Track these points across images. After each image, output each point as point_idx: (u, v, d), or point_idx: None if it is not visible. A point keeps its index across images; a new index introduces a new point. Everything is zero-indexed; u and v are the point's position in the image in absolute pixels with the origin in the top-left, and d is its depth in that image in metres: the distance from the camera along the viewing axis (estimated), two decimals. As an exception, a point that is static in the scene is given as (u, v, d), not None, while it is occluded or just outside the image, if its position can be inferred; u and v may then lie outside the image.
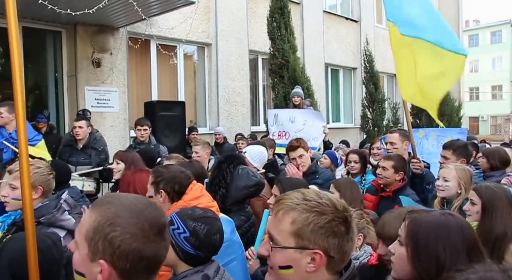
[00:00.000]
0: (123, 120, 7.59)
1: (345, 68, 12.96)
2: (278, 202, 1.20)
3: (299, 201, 1.14)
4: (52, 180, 2.55)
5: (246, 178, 2.86)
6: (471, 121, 37.55)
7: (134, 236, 1.01)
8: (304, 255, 1.12)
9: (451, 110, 12.18)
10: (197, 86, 9.28)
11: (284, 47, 8.77)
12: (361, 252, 2.11)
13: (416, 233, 1.34)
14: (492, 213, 2.16)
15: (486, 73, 41.16)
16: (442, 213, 1.41)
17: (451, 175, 2.88)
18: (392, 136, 3.91)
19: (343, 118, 12.93)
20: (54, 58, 7.21)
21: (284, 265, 1.14)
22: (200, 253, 1.64)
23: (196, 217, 1.69)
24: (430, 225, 1.34)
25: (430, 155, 4.42)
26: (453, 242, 1.30)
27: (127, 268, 1.02)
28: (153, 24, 7.48)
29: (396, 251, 1.40)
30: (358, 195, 3.08)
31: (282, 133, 5.65)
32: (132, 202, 1.08)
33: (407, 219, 1.40)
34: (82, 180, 4.72)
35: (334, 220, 1.12)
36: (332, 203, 1.15)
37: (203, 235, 1.65)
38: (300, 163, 3.68)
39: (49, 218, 2.35)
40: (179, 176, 2.34)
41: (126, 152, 4.09)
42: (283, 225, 1.14)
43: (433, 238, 1.31)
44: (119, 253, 1.01)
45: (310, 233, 1.11)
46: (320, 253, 1.11)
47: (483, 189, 2.29)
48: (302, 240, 1.12)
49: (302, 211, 1.13)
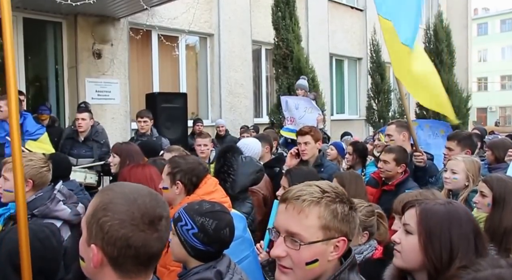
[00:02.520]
0: (124, 112, 7.55)
1: (350, 59, 12.78)
2: (295, 199, 1.15)
3: (320, 194, 1.16)
4: (46, 173, 2.51)
5: (252, 164, 2.96)
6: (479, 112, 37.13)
7: (122, 222, 1.01)
8: (329, 246, 1.15)
9: (459, 101, 11.98)
10: (199, 78, 9.20)
11: (288, 37, 8.64)
12: (365, 246, 2.06)
13: (428, 221, 1.34)
14: (503, 206, 2.11)
15: (495, 62, 40.53)
16: (448, 202, 1.43)
17: (460, 168, 2.84)
18: (389, 128, 3.87)
19: (347, 110, 12.79)
20: (55, 49, 7.16)
21: (311, 260, 1.14)
22: (210, 248, 1.61)
23: (204, 212, 1.65)
24: (442, 214, 1.35)
25: (428, 145, 4.37)
26: (464, 230, 1.33)
27: (115, 255, 1.02)
28: (154, 15, 7.39)
29: (403, 240, 1.39)
30: (362, 189, 3.00)
31: (292, 119, 6.16)
32: (130, 190, 1.08)
33: (417, 208, 1.38)
34: (84, 172, 4.71)
35: (351, 207, 1.19)
36: (343, 192, 1.21)
37: (212, 230, 1.62)
38: (303, 149, 3.60)
39: (43, 210, 2.35)
40: (197, 168, 2.31)
41: (122, 144, 4.02)
42: (309, 221, 1.13)
43: (446, 227, 1.32)
44: (108, 239, 1.01)
45: (339, 222, 1.15)
46: (344, 239, 1.16)
47: (494, 181, 2.22)
48: (329, 231, 1.14)
49: (328, 203, 1.15)
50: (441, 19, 12.44)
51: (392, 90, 11.81)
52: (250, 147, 3.63)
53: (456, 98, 11.90)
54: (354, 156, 4.42)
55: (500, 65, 40.09)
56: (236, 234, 1.94)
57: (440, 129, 4.53)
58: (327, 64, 11.57)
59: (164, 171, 2.33)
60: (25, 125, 4.60)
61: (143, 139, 5.17)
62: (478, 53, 38.66)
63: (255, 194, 3.09)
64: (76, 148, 5.13)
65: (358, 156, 4.43)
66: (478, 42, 34.35)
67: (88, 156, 5.11)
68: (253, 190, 3.12)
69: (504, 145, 3.82)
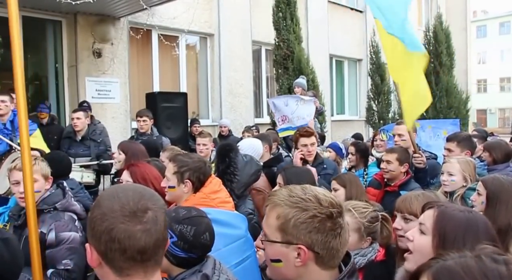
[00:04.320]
0: (124, 112, 7.53)
1: (350, 60, 12.78)
2: (268, 198, 1.24)
3: (283, 197, 1.18)
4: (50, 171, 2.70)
5: (253, 164, 3.00)
6: (479, 114, 37.19)
7: (104, 216, 1.03)
8: (290, 250, 1.15)
9: (459, 103, 11.98)
10: (200, 77, 9.19)
11: (289, 37, 8.64)
12: (369, 248, 2.04)
13: (444, 225, 1.34)
14: (496, 205, 2.11)
15: (494, 64, 40.60)
16: (468, 210, 1.42)
17: (456, 169, 2.88)
18: (400, 127, 3.81)
19: (347, 111, 12.79)
20: (54, 48, 7.13)
21: (275, 259, 1.18)
22: (192, 255, 1.59)
23: (181, 219, 1.62)
24: (459, 220, 1.34)
25: (428, 147, 4.37)
26: (480, 240, 1.29)
27: (103, 250, 1.03)
28: (154, 14, 7.37)
29: (416, 239, 1.39)
30: (362, 190, 3.02)
31: (283, 117, 6.12)
32: (118, 188, 1.12)
33: (436, 210, 1.38)
34: (81, 171, 4.70)
35: (316, 216, 1.14)
36: (316, 199, 1.16)
37: (191, 236, 1.58)
38: (311, 151, 3.60)
39: (64, 203, 2.49)
40: (204, 167, 2.31)
41: (130, 143, 4.04)
42: (270, 219, 1.19)
43: (461, 234, 1.31)
44: (94, 234, 1.03)
45: (292, 228, 1.14)
46: (303, 248, 1.13)
47: (489, 180, 2.25)
48: (286, 235, 1.15)
49: (285, 206, 1.16)
50: (440, 21, 12.45)
51: (392, 91, 11.81)
52: (256, 148, 3.65)
53: (456, 100, 11.91)
54: (356, 156, 4.43)
55: (499, 67, 40.19)
56: (239, 234, 1.93)
57: (443, 130, 4.52)
58: (327, 65, 11.56)
59: (168, 170, 2.30)
60: (16, 122, 4.61)
61: (144, 139, 5.16)
62: (477, 55, 38.71)
63: (261, 192, 3.11)
64: (74, 147, 5.15)
65: (361, 156, 4.44)
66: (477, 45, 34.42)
67: (85, 155, 5.12)
68: (259, 188, 3.14)
69: (501, 146, 3.83)
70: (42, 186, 2.51)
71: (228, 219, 2.03)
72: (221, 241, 1.69)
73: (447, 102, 11.64)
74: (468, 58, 16.73)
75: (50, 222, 2.37)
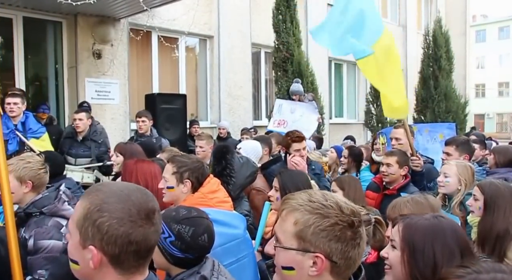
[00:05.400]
0: (123, 113, 7.54)
1: (349, 63, 12.81)
2: (284, 202, 1.18)
3: (303, 202, 1.12)
4: (44, 175, 2.56)
5: (250, 166, 3.00)
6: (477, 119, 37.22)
7: (121, 220, 1.03)
8: (306, 258, 1.09)
9: (457, 107, 12.03)
10: (199, 79, 9.20)
11: (289, 40, 8.67)
12: None
13: (411, 237, 1.33)
14: (494, 210, 2.12)
15: (493, 69, 40.70)
16: (434, 216, 1.41)
17: (452, 171, 2.89)
18: (398, 131, 3.83)
19: (346, 114, 12.81)
20: (55, 49, 7.15)
21: (287, 266, 1.12)
22: (188, 255, 1.59)
23: (180, 218, 1.62)
24: (425, 229, 1.34)
25: (426, 150, 4.38)
26: (448, 245, 1.31)
27: (116, 253, 1.03)
28: (154, 16, 7.39)
29: (390, 255, 1.39)
30: (361, 193, 3.02)
31: (281, 121, 6.11)
32: (119, 188, 1.10)
33: (400, 224, 1.38)
34: (81, 171, 4.73)
35: (337, 224, 1.08)
36: (337, 206, 1.11)
37: (189, 237, 1.58)
38: (304, 155, 3.66)
39: (51, 208, 2.39)
40: (202, 167, 2.32)
41: (126, 144, 4.04)
42: (286, 225, 1.13)
43: (429, 242, 1.31)
44: (107, 239, 1.02)
45: (311, 235, 1.08)
46: (321, 257, 1.08)
47: (486, 185, 2.25)
48: (304, 242, 1.10)
49: (304, 212, 1.10)
50: (440, 25, 12.50)
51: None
52: (256, 150, 3.67)
53: (454, 104, 11.96)
54: (349, 159, 4.47)
55: (498, 72, 40.28)
56: (237, 234, 1.94)
57: (439, 134, 4.53)
58: (326, 68, 11.59)
59: (166, 171, 2.30)
60: (27, 124, 4.70)
61: (143, 140, 5.16)
62: (476, 59, 38.80)
63: (260, 193, 3.11)
64: (75, 148, 5.15)
65: (353, 160, 4.47)
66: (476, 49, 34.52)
67: (86, 156, 5.13)
68: (259, 188, 3.15)
69: (507, 151, 3.83)
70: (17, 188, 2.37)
71: (225, 219, 2.03)
72: (217, 240, 1.70)
73: (446, 106, 11.68)
74: (467, 62, 16.79)
75: (32, 228, 2.28)
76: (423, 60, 12.41)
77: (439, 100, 11.68)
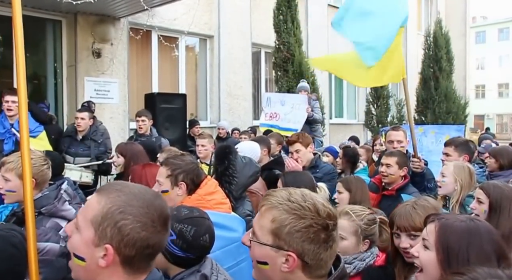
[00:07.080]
0: (122, 112, 7.52)
1: (350, 63, 12.78)
2: (264, 198, 1.20)
3: (282, 201, 1.15)
4: (47, 171, 2.50)
5: (252, 166, 2.99)
6: (477, 119, 37.24)
7: (144, 225, 1.05)
8: (279, 255, 1.13)
9: (457, 108, 12.02)
10: (199, 79, 9.19)
11: (289, 40, 8.65)
12: (367, 253, 2.02)
13: (447, 239, 1.31)
14: (500, 212, 2.12)
15: (493, 70, 40.72)
16: (469, 218, 1.38)
17: (448, 171, 2.91)
18: (398, 133, 3.85)
19: (346, 114, 12.79)
20: (54, 48, 7.13)
21: (261, 261, 1.16)
22: (189, 255, 1.58)
23: (182, 218, 1.61)
24: (461, 232, 1.31)
25: (429, 152, 4.38)
26: (484, 249, 1.28)
27: (132, 255, 1.05)
28: (154, 15, 7.37)
29: (422, 255, 1.36)
30: (367, 195, 2.97)
31: (273, 114, 6.12)
32: (141, 192, 1.11)
33: (436, 224, 1.35)
34: (80, 170, 4.70)
35: (312, 226, 1.11)
36: (315, 208, 1.13)
37: (191, 237, 1.58)
38: (296, 158, 3.70)
39: (50, 209, 2.33)
40: (196, 168, 2.29)
41: (127, 145, 4.01)
42: (264, 221, 1.16)
43: (465, 245, 1.28)
44: (127, 241, 1.03)
45: (286, 234, 1.11)
46: (293, 256, 1.11)
47: (490, 188, 2.24)
48: (278, 240, 1.13)
49: (282, 211, 1.13)
50: (440, 26, 12.49)
51: (391, 95, 11.84)
52: (255, 151, 3.64)
53: (455, 105, 11.94)
54: (343, 160, 4.45)
55: (498, 73, 40.30)
56: (235, 237, 1.91)
57: (445, 135, 4.51)
58: (327, 68, 11.56)
59: (160, 174, 2.24)
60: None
61: (142, 139, 5.15)
62: (476, 60, 38.81)
63: (254, 194, 3.09)
64: (74, 147, 5.14)
65: (347, 161, 4.44)
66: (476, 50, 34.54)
67: (85, 155, 5.11)
68: (252, 190, 3.12)
69: (508, 152, 3.81)
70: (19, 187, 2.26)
71: (223, 222, 2.01)
72: (216, 243, 1.68)
73: (446, 107, 11.66)
74: (467, 63, 16.79)
75: None
76: (423, 61, 12.40)
77: (440, 101, 11.66)
